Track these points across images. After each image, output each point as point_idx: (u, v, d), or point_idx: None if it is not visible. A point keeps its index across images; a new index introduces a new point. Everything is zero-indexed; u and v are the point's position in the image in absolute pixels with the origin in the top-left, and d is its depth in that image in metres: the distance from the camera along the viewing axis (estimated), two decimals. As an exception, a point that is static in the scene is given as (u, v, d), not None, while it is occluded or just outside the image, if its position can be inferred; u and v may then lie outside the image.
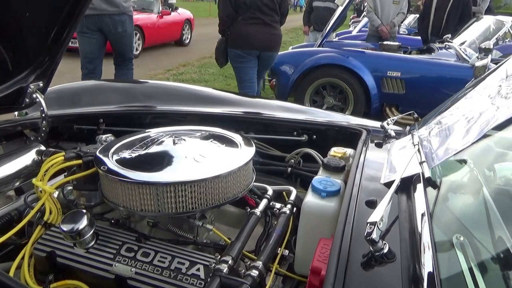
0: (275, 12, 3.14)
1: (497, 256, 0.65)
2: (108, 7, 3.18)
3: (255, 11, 3.07)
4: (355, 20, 11.37)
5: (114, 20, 3.27)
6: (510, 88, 0.79)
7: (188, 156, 1.04)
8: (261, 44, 3.19)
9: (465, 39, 4.85)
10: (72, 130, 1.73)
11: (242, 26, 3.13)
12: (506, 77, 0.86)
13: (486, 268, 0.63)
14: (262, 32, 3.12)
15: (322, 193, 0.94)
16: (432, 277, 0.57)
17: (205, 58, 8.72)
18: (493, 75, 0.95)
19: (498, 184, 0.99)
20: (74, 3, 1.29)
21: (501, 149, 1.11)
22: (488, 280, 0.59)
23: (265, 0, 3.06)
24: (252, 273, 0.84)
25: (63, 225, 0.93)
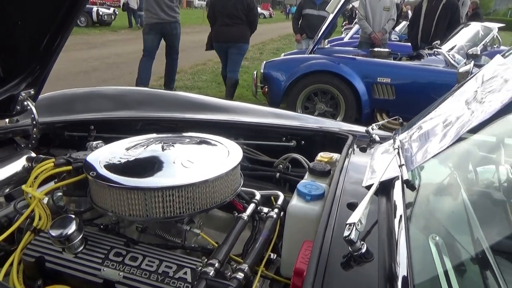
0: (238, 19, 4.72)
1: (471, 255, 0.68)
2: (168, 18, 4.86)
3: (224, 18, 4.72)
4: (347, 27, 11.51)
5: (171, 26, 4.95)
6: (485, 93, 0.83)
7: (176, 161, 1.06)
8: (225, 38, 4.80)
9: (454, 45, 4.94)
10: (63, 137, 1.74)
11: (217, 27, 4.86)
12: (482, 83, 0.89)
13: (459, 266, 0.65)
14: (226, 30, 4.76)
15: (307, 197, 0.96)
16: (406, 276, 0.59)
17: (198, 65, 8.76)
18: (471, 81, 0.99)
19: (480, 187, 1.02)
20: (67, 11, 1.31)
21: (483, 153, 1.15)
22: (461, 278, 0.61)
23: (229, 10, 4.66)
24: (238, 276, 0.86)
25: (52, 230, 0.94)
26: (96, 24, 15.87)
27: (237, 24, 4.71)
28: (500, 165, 1.09)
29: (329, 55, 4.64)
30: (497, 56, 0.95)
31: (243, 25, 4.76)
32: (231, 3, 4.62)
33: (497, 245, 0.73)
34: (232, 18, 4.68)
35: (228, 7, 4.62)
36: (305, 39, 6.43)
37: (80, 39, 11.83)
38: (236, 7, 4.61)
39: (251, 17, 4.80)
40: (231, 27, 4.70)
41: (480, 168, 1.08)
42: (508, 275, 0.71)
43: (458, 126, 0.80)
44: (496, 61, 0.93)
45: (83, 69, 7.58)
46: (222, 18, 4.69)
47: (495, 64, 0.91)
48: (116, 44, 11.55)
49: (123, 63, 8.60)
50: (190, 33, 15.55)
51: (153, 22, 4.89)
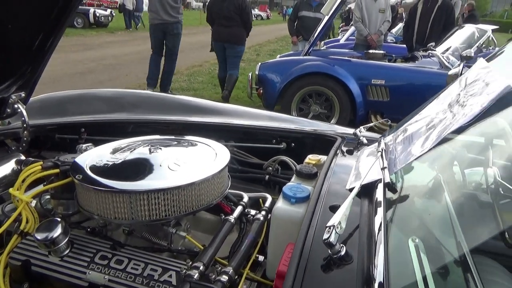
0: (233, 20, 5.02)
1: (450, 257, 0.69)
2: (169, 19, 5.13)
3: (221, 19, 5.07)
4: (344, 29, 11.53)
5: (172, 26, 5.18)
6: (467, 96, 0.83)
7: (163, 164, 1.07)
8: (222, 37, 5.15)
9: (448, 47, 4.97)
10: (54, 140, 1.74)
11: (215, 27, 5.22)
12: (464, 86, 0.90)
13: (437, 267, 0.66)
14: (223, 31, 5.11)
15: (292, 199, 0.97)
16: (382, 278, 0.59)
17: (195, 66, 8.77)
18: (455, 84, 1.00)
19: (462, 189, 1.03)
20: (59, 13, 1.31)
21: (468, 155, 1.16)
22: (438, 279, 0.62)
23: (225, 12, 4.99)
24: (222, 279, 0.86)
25: (37, 234, 0.94)
26: (93, 26, 15.86)
27: (233, 26, 5.03)
28: (486, 168, 1.10)
29: (324, 57, 4.65)
30: (480, 59, 0.96)
31: (238, 27, 5.08)
32: (224, 5, 4.95)
33: (477, 248, 0.74)
34: (228, 20, 5.01)
35: (223, 9, 4.96)
36: (301, 41, 6.44)
37: (76, 41, 11.81)
38: (229, 8, 4.93)
39: (244, 17, 5.08)
40: (227, 28, 5.03)
41: (462, 170, 1.09)
42: (487, 275, 0.71)
43: (440, 129, 0.81)
44: (479, 64, 0.93)
45: (79, 71, 7.57)
46: (219, 20, 5.09)
47: (478, 68, 0.92)
48: (112, 46, 11.54)
49: (120, 64, 8.60)
50: (187, 35, 15.54)
51: (156, 23, 5.20)
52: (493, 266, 0.82)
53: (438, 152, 1.09)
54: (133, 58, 9.57)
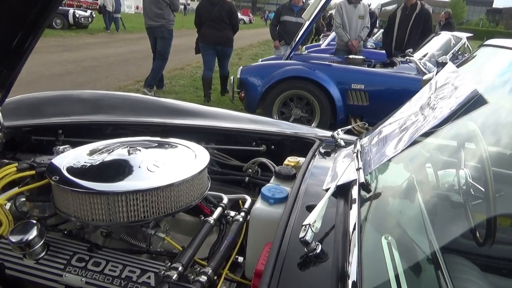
0: (223, 23, 5.40)
1: (421, 253, 0.71)
2: (153, 23, 5.57)
3: (211, 21, 5.38)
4: (325, 34, 11.69)
5: (157, 30, 5.60)
6: (437, 99, 0.87)
7: (142, 165, 1.06)
8: (214, 40, 5.47)
9: (425, 53, 5.11)
10: (30, 142, 1.71)
11: (204, 29, 5.48)
12: (435, 90, 0.94)
13: (409, 263, 0.68)
14: (213, 33, 5.41)
15: (270, 200, 0.98)
16: (356, 274, 0.61)
17: (176, 69, 8.71)
18: (426, 88, 1.03)
19: (435, 190, 1.07)
20: (37, 15, 1.28)
21: (441, 157, 1.20)
22: (409, 274, 0.64)
23: (216, 16, 5.34)
24: (200, 279, 0.86)
25: (12, 236, 0.92)
26: (72, 27, 15.57)
27: (223, 29, 5.46)
28: (458, 169, 1.14)
29: (305, 62, 4.71)
30: (449, 63, 0.99)
31: (228, 29, 5.50)
32: (216, 9, 5.35)
33: (448, 246, 0.77)
34: (218, 23, 5.39)
35: (213, 12, 5.36)
36: (283, 45, 6.49)
37: (55, 42, 11.58)
38: (220, 12, 5.35)
39: (233, 20, 5.56)
40: (218, 31, 5.43)
41: (435, 172, 1.13)
42: (459, 274, 0.74)
43: (412, 131, 0.84)
44: (448, 68, 0.97)
45: (56, 72, 7.41)
46: (209, 22, 5.41)
47: (447, 72, 0.96)
48: (92, 47, 11.36)
49: (99, 66, 8.47)
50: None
51: (146, 27, 5.77)
52: (464, 264, 0.85)
53: (412, 154, 1.12)
54: (113, 60, 9.44)
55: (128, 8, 37.92)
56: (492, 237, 0.91)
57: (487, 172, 1.02)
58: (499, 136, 1.10)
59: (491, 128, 1.11)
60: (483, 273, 0.84)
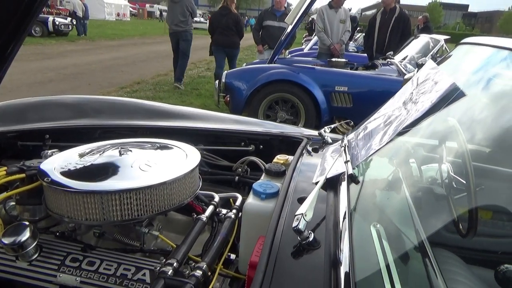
0: (230, 30, 6.48)
1: (407, 238, 0.75)
2: (179, 28, 6.81)
3: (221, 29, 6.46)
4: (307, 39, 11.85)
5: (181, 34, 6.87)
6: (419, 94, 0.91)
7: (134, 165, 1.07)
8: (224, 44, 6.55)
9: (405, 56, 5.24)
10: (16, 147, 1.69)
11: (216, 36, 6.57)
12: (416, 85, 0.98)
13: (396, 248, 0.72)
14: (223, 38, 6.52)
15: (262, 195, 1.01)
16: (348, 260, 0.64)
17: (160, 75, 8.68)
18: (408, 84, 1.08)
19: (419, 182, 1.11)
20: (19, 22, 1.28)
21: (424, 152, 1.25)
22: (397, 257, 0.67)
23: (224, 24, 6.41)
24: (196, 274, 0.88)
25: (4, 238, 0.92)
26: (52, 34, 15.35)
27: (231, 35, 6.54)
28: (441, 164, 1.19)
29: (289, 65, 4.77)
30: (429, 61, 1.04)
31: (235, 35, 6.59)
32: (224, 19, 6.42)
33: (431, 232, 0.81)
34: (226, 30, 6.47)
35: (223, 22, 6.44)
36: (267, 50, 6.55)
37: (34, 49, 11.38)
38: (227, 21, 6.44)
39: (238, 27, 6.62)
40: (226, 36, 6.51)
41: (426, 167, 1.18)
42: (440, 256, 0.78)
43: (396, 125, 0.88)
44: (429, 65, 1.02)
45: (38, 80, 7.30)
46: (219, 30, 6.51)
47: (428, 68, 1.01)
48: (73, 55, 11.22)
49: (81, 73, 8.37)
50: (151, 44, 15.38)
51: (171, 32, 6.93)
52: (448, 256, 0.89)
53: (397, 149, 1.17)
54: (95, 67, 9.34)
55: (109, 15, 37.56)
56: (474, 229, 0.96)
57: (468, 165, 1.07)
58: (477, 131, 1.16)
59: (470, 122, 1.16)
60: (466, 265, 0.88)
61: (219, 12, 6.69)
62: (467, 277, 0.84)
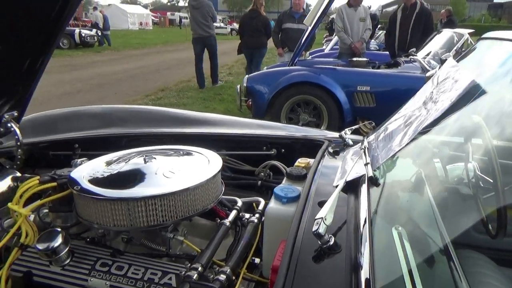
0: (259, 31, 6.92)
1: (430, 242, 0.74)
2: (204, 33, 7.33)
3: (250, 31, 6.93)
4: (328, 39, 11.75)
5: (208, 39, 7.44)
6: (439, 93, 0.90)
7: (158, 172, 1.11)
8: (253, 45, 7.02)
9: (429, 52, 5.12)
10: (48, 157, 1.77)
11: (245, 38, 7.06)
12: (437, 84, 0.97)
13: (419, 251, 0.71)
14: (251, 40, 6.99)
15: (283, 199, 1.02)
16: (368, 264, 0.64)
17: (183, 82, 8.83)
18: (429, 83, 1.06)
19: (443, 183, 1.09)
20: (47, 37, 1.35)
21: (448, 151, 1.22)
22: (419, 262, 0.67)
23: (253, 27, 6.88)
24: (220, 278, 0.90)
25: (38, 244, 0.97)
26: (79, 46, 15.91)
27: (258, 36, 6.97)
28: (467, 163, 1.16)
29: (310, 67, 4.75)
30: (449, 59, 1.03)
31: (262, 36, 6.99)
32: (254, 22, 6.89)
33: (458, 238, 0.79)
34: (255, 32, 6.93)
35: (252, 24, 6.91)
36: (287, 52, 6.55)
37: (63, 61, 11.81)
38: (257, 24, 6.89)
39: (267, 30, 7.04)
40: (254, 38, 6.96)
41: (445, 165, 1.15)
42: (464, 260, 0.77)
43: (416, 125, 0.87)
44: (449, 63, 1.00)
45: (67, 91, 7.57)
46: (248, 32, 6.96)
47: (448, 67, 0.99)
48: (100, 65, 11.58)
49: (108, 83, 8.62)
50: (173, 51, 15.67)
51: (196, 37, 7.43)
52: (476, 257, 0.87)
53: (419, 150, 1.15)
54: (121, 76, 9.61)
55: (132, 25, 38.53)
56: (503, 229, 0.93)
57: (494, 163, 1.04)
58: (503, 127, 1.13)
59: (495, 119, 1.13)
60: (497, 266, 0.85)
61: (248, 15, 7.10)
62: (498, 278, 0.82)
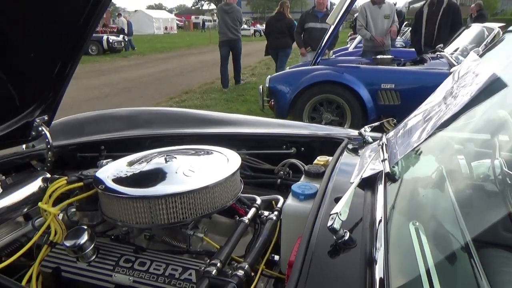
0: (283, 33, 7.21)
1: (449, 238, 0.72)
2: (234, 37, 7.69)
3: (275, 33, 7.28)
4: (352, 37, 11.59)
5: (235, 41, 7.79)
6: (459, 88, 0.88)
7: (178, 171, 1.14)
8: (278, 46, 7.37)
9: (457, 48, 4.96)
10: (76, 159, 1.84)
11: (271, 39, 7.43)
12: (457, 79, 0.94)
13: (436, 244, 0.70)
14: (276, 41, 7.33)
15: (300, 196, 1.02)
16: (383, 258, 0.64)
17: (207, 84, 8.95)
18: (449, 78, 1.04)
19: (473, 180, 1.06)
20: (75, 43, 1.41)
21: (479, 148, 1.19)
22: (437, 258, 0.66)
23: (279, 29, 7.21)
24: (238, 273, 0.91)
25: (66, 241, 1.01)
26: (107, 52, 16.40)
27: (283, 37, 7.25)
28: (493, 159, 1.13)
29: (333, 66, 4.71)
30: (471, 53, 1.00)
31: (287, 37, 7.23)
32: (278, 24, 7.23)
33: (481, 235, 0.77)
34: (280, 33, 7.24)
35: (277, 26, 7.24)
36: (310, 52, 6.51)
37: (92, 67, 12.22)
38: (281, 26, 7.20)
39: (291, 31, 7.17)
40: (279, 39, 7.27)
41: (469, 162, 1.12)
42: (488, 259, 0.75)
43: (435, 120, 0.86)
44: (470, 57, 0.98)
45: (95, 96, 7.82)
46: (273, 34, 7.31)
47: (469, 61, 0.97)
48: (126, 70, 11.90)
49: (134, 87, 8.84)
50: (197, 54, 15.92)
51: (224, 40, 7.73)
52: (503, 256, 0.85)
53: (441, 146, 1.12)
54: (147, 80, 9.84)
55: (157, 30, 39.37)
56: None
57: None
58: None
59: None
60: None
61: (275, 17, 7.47)
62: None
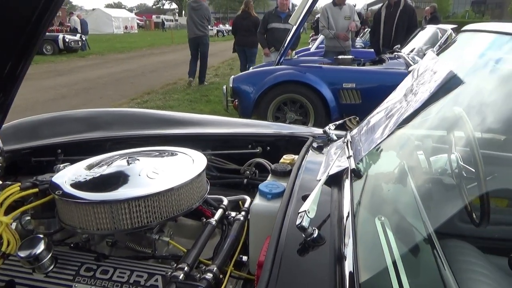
0: (250, 31, 7.26)
1: (412, 231, 0.74)
2: (200, 33, 7.81)
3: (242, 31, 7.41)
4: (314, 38, 11.81)
5: (201, 38, 7.88)
6: (418, 85, 0.91)
7: (141, 173, 1.09)
8: (245, 44, 7.46)
9: (413, 48, 5.18)
10: (31, 164, 1.73)
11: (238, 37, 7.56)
12: (417, 77, 0.98)
13: (401, 238, 0.71)
14: (243, 39, 7.43)
15: (268, 195, 1.01)
16: (352, 254, 0.64)
17: (169, 84, 8.78)
18: (409, 76, 1.07)
19: (433, 175, 1.10)
20: (27, 42, 1.33)
21: (436, 144, 1.23)
22: (403, 250, 0.67)
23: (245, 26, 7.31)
24: (206, 277, 0.89)
25: (20, 252, 0.95)
26: (63, 51, 15.70)
27: (250, 35, 7.33)
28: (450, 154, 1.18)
29: (296, 65, 4.77)
30: (429, 52, 1.04)
31: (253, 36, 7.23)
32: (245, 22, 7.35)
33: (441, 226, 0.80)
34: (246, 31, 7.35)
35: (244, 24, 7.37)
36: (273, 52, 6.55)
37: (47, 67, 11.65)
38: (248, 24, 7.34)
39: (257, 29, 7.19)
40: (246, 37, 7.38)
41: (428, 157, 1.17)
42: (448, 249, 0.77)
43: (397, 117, 0.88)
44: (428, 56, 1.02)
45: (51, 97, 7.46)
46: (240, 32, 7.44)
47: (427, 59, 1.00)
48: (84, 70, 11.44)
49: (93, 88, 8.52)
50: (159, 54, 15.59)
51: (191, 37, 7.88)
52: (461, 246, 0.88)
53: (402, 142, 1.16)
54: (106, 80, 9.51)
55: (117, 29, 38.23)
56: (487, 217, 0.94)
57: (476, 154, 1.05)
58: (484, 118, 1.14)
59: (476, 110, 1.15)
60: (481, 254, 0.86)
61: (241, 16, 7.59)
62: (483, 266, 0.83)
